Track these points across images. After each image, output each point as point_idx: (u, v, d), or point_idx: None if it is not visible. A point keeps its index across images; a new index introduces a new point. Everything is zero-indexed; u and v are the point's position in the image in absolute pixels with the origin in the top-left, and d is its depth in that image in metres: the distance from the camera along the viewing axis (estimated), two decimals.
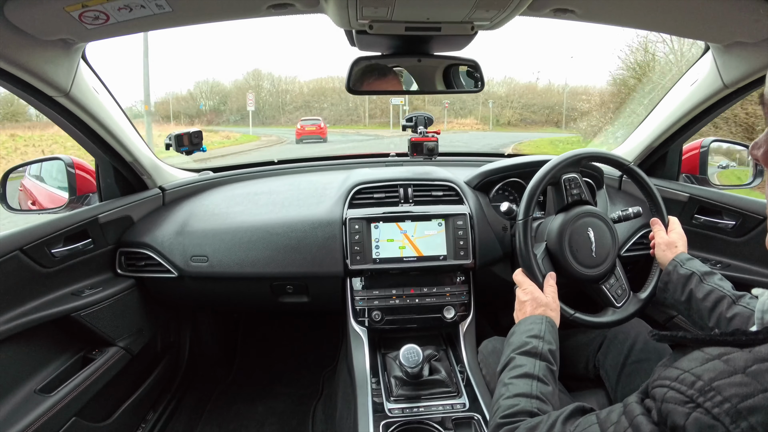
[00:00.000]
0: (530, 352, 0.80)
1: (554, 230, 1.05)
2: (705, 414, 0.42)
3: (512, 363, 0.80)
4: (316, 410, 1.70)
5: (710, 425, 0.41)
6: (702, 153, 1.49)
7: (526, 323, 0.87)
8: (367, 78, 1.14)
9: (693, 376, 0.45)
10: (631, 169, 1.12)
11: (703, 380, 0.44)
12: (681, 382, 0.46)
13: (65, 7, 0.78)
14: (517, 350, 0.82)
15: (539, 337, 0.83)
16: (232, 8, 0.90)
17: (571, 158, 1.07)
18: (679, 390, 0.45)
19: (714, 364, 0.45)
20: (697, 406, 0.43)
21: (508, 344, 0.86)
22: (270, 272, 1.31)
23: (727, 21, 0.92)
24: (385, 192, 1.37)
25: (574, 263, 1.02)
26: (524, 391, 0.74)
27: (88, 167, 1.39)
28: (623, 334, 1.10)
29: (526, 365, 0.78)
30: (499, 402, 0.74)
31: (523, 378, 0.76)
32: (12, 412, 1.00)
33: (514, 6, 0.83)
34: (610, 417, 0.54)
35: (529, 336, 0.83)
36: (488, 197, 1.40)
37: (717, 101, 1.21)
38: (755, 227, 1.24)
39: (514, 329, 0.89)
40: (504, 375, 0.80)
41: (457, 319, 1.30)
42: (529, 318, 0.89)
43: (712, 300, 0.89)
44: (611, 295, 1.06)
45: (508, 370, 0.79)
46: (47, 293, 1.14)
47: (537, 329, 0.85)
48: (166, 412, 1.64)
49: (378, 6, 0.83)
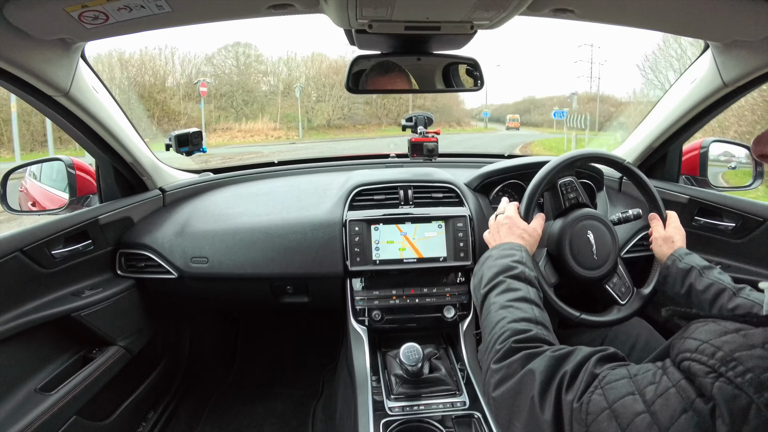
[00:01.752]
0: (520, 276, 0.78)
1: (554, 235, 1.05)
2: (728, 383, 0.42)
3: (503, 285, 0.76)
4: (316, 410, 1.70)
5: (734, 395, 0.41)
6: (702, 154, 1.49)
7: (504, 248, 0.85)
8: (372, 75, 1.14)
9: (712, 347, 0.45)
10: (627, 167, 1.12)
11: (724, 351, 0.44)
12: (701, 353, 0.46)
13: (65, 7, 0.78)
14: (505, 273, 0.78)
15: (522, 263, 0.81)
16: (231, 8, 0.90)
17: (570, 159, 1.08)
18: (701, 361, 0.45)
19: (732, 337, 0.45)
20: (719, 376, 0.43)
21: (489, 266, 0.82)
22: (270, 273, 1.31)
23: (726, 20, 0.92)
24: (385, 193, 1.36)
25: (576, 266, 1.02)
26: (529, 316, 0.70)
27: (89, 168, 1.39)
28: (624, 334, 1.10)
29: (521, 289, 0.75)
30: (504, 324, 0.69)
31: (522, 302, 0.73)
32: (13, 411, 1.00)
33: (513, 6, 0.83)
34: (645, 376, 0.51)
35: (513, 261, 0.81)
36: (488, 199, 1.40)
37: (717, 100, 1.21)
38: (755, 229, 1.23)
39: (489, 253, 0.86)
40: (498, 297, 0.75)
41: (457, 319, 1.30)
42: (507, 243, 0.88)
43: (712, 292, 0.89)
44: (615, 294, 1.06)
45: (502, 292, 0.75)
46: (47, 294, 1.14)
47: (518, 255, 0.83)
48: (167, 411, 1.64)
49: (378, 6, 0.83)
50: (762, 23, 0.89)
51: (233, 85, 25.27)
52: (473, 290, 0.86)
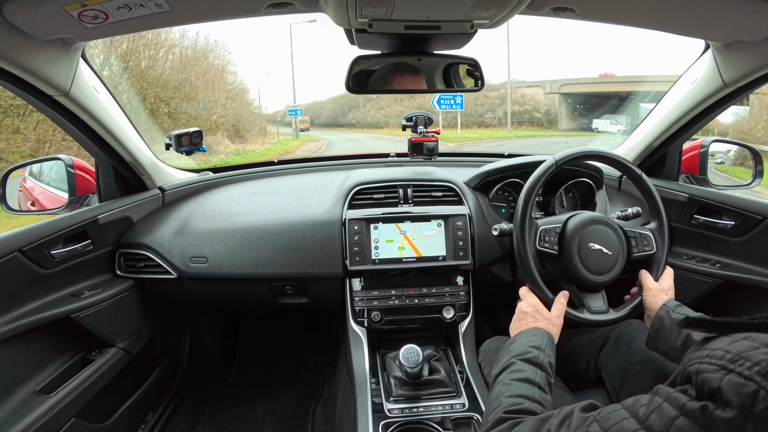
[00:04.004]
0: (531, 360, 0.81)
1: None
2: (738, 376, 0.47)
3: (513, 367, 0.81)
4: (315, 411, 1.70)
5: (743, 384, 0.46)
6: (702, 153, 1.49)
7: (528, 335, 0.89)
8: (390, 75, 1.15)
9: (722, 351, 0.51)
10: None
11: (732, 352, 0.50)
12: (711, 357, 0.51)
13: (64, 6, 0.78)
14: (518, 356, 0.83)
15: (540, 349, 0.84)
16: (231, 7, 0.90)
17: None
18: (710, 362, 0.51)
19: (740, 343, 0.51)
20: (729, 371, 0.48)
21: (508, 351, 0.86)
22: (269, 273, 1.30)
23: (727, 20, 0.92)
24: (385, 192, 1.36)
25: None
26: (527, 394, 0.74)
27: (88, 167, 1.39)
28: (627, 335, 1.10)
29: (527, 371, 0.79)
30: (500, 399, 0.74)
31: (524, 382, 0.77)
32: (11, 413, 1.00)
33: (513, 5, 0.83)
34: (638, 401, 0.56)
35: (530, 346, 0.85)
36: (488, 197, 1.40)
37: (717, 100, 1.21)
38: (754, 227, 1.23)
39: (514, 338, 0.90)
40: (504, 376, 0.80)
41: (456, 320, 1.30)
42: (531, 330, 0.91)
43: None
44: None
45: (509, 372, 0.80)
46: (47, 294, 1.14)
47: (539, 341, 0.86)
48: (166, 412, 1.63)
49: (377, 5, 0.82)
50: (762, 23, 0.89)
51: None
52: (492, 376, 0.88)
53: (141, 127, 1.35)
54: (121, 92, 10.10)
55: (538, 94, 25.59)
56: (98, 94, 1.15)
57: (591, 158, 1.14)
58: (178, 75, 13.36)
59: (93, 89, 1.12)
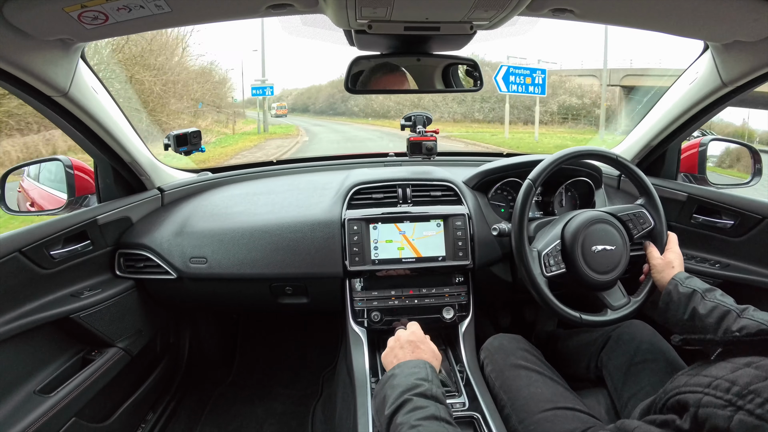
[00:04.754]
0: (425, 394, 0.74)
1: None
2: (749, 415, 0.44)
3: (410, 404, 0.73)
4: (315, 411, 1.70)
5: (756, 425, 0.43)
6: (701, 152, 1.49)
7: (408, 366, 0.83)
8: (373, 76, 1.15)
9: (727, 382, 0.47)
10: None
11: (739, 385, 0.46)
12: (716, 388, 0.47)
13: (64, 7, 0.78)
14: (410, 392, 0.75)
15: (428, 380, 0.78)
16: (231, 8, 0.90)
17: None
18: (716, 395, 0.47)
19: (745, 371, 0.47)
20: (738, 409, 0.44)
21: (392, 386, 0.78)
22: (269, 273, 1.30)
23: (726, 20, 0.93)
24: (384, 192, 1.36)
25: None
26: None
27: (87, 168, 1.39)
28: (628, 335, 1.10)
29: (429, 407, 0.71)
30: None
31: (431, 420, 0.69)
32: (11, 413, 1.00)
33: (512, 6, 0.83)
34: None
35: (417, 378, 0.78)
36: (487, 197, 1.40)
37: (716, 100, 1.21)
38: (754, 227, 1.24)
39: (393, 372, 0.83)
40: (405, 417, 0.71)
41: (456, 320, 1.30)
42: (411, 361, 0.85)
43: (716, 315, 0.87)
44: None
45: (408, 411, 0.71)
46: (46, 294, 1.14)
47: (423, 373, 0.80)
48: (166, 412, 1.63)
49: (377, 6, 0.83)
50: (761, 23, 0.89)
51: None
52: (375, 413, 0.81)
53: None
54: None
55: (595, 86, 19.76)
56: (97, 94, 1.15)
57: (566, 161, 1.13)
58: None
59: (92, 90, 1.12)
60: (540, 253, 1.08)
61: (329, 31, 1.02)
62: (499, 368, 1.09)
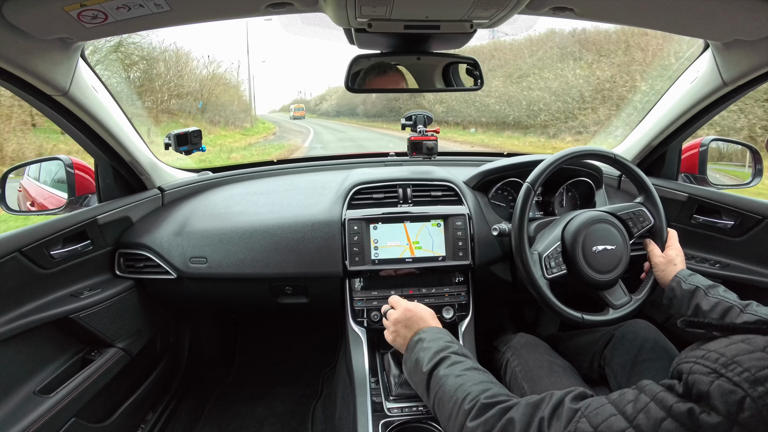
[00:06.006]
0: (458, 353, 0.80)
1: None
2: (727, 382, 0.48)
3: (448, 360, 0.78)
4: (315, 410, 1.70)
5: (731, 390, 0.47)
6: (701, 152, 1.49)
7: (432, 332, 0.87)
8: (368, 76, 1.15)
9: (717, 353, 0.52)
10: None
11: (726, 356, 0.50)
12: (706, 359, 0.52)
13: (64, 6, 0.78)
14: (444, 351, 0.80)
15: (455, 342, 0.83)
16: (230, 7, 0.90)
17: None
18: (704, 364, 0.51)
19: (737, 345, 0.51)
20: (719, 376, 0.49)
21: (423, 349, 0.83)
22: (269, 273, 1.30)
23: (726, 19, 0.92)
24: (384, 192, 1.36)
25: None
26: (485, 379, 0.72)
27: (88, 167, 1.39)
28: (632, 333, 1.11)
29: (466, 361, 0.77)
30: (463, 390, 0.70)
31: (472, 371, 0.74)
32: (11, 413, 1.00)
33: (512, 5, 0.83)
34: (624, 397, 0.57)
35: (445, 341, 0.83)
36: (487, 197, 1.40)
37: (716, 99, 1.21)
38: (754, 227, 1.23)
39: (420, 336, 0.87)
40: (448, 370, 0.76)
41: (456, 320, 1.30)
42: (432, 328, 0.89)
43: (719, 311, 0.88)
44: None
45: (449, 366, 0.76)
46: (46, 294, 1.14)
47: (448, 337, 0.85)
48: (166, 412, 1.63)
49: (377, 5, 0.83)
50: (762, 23, 0.89)
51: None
52: (409, 375, 0.85)
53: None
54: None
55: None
56: (98, 94, 1.15)
57: (565, 162, 1.13)
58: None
59: (92, 89, 1.12)
60: (541, 255, 1.08)
61: (329, 30, 1.02)
62: (525, 361, 1.10)
